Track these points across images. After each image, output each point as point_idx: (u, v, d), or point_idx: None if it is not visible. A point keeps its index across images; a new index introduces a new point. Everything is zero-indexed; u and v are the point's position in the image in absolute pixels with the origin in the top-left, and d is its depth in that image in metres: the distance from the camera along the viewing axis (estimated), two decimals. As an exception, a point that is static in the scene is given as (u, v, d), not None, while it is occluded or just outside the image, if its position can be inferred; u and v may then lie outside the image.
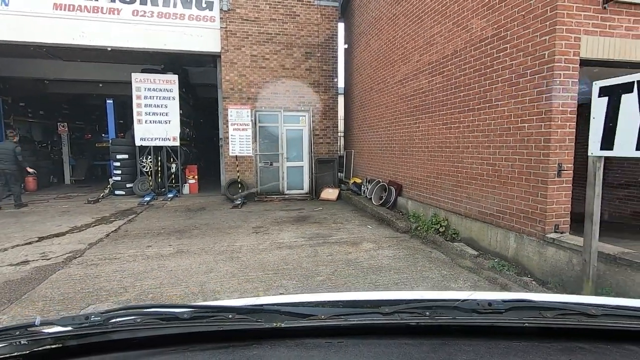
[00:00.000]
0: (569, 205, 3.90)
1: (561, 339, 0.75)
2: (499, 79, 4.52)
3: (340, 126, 11.66)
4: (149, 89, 9.54)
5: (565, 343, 0.73)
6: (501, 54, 4.48)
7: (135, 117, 9.54)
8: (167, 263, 4.57)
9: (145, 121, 9.57)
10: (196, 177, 10.76)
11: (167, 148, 9.97)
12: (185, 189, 10.57)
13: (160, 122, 9.63)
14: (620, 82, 2.77)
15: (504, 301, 0.84)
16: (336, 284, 3.88)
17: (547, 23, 3.80)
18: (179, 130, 9.83)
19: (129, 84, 9.54)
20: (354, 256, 4.80)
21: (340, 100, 10.97)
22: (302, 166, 10.09)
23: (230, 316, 0.81)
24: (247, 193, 9.39)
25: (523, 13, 4.12)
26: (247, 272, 4.26)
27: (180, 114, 9.86)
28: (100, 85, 12.28)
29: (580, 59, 3.76)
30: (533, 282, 3.81)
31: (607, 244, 3.37)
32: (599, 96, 2.93)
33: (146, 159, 9.94)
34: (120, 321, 0.80)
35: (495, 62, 4.60)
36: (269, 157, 9.88)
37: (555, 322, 0.77)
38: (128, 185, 10.05)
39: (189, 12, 9.20)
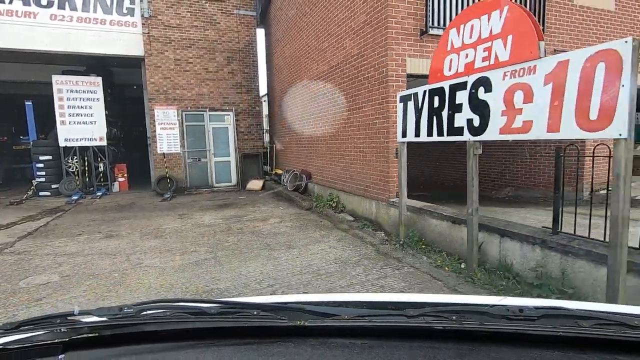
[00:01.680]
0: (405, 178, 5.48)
1: (599, 351, 0.69)
2: (363, 86, 6.01)
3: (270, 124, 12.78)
4: (72, 91, 9.80)
5: (604, 355, 0.68)
6: (363, 68, 5.97)
7: (58, 119, 9.75)
8: (97, 244, 5.38)
9: (70, 122, 9.83)
10: (126, 175, 11.18)
11: (94, 148, 10.30)
12: (115, 187, 10.96)
13: (85, 122, 9.94)
14: (406, 94, 4.30)
15: (537, 308, 0.81)
16: (239, 245, 5.05)
17: (384, 48, 5.31)
18: (105, 131, 10.22)
19: (50, 84, 9.70)
20: (259, 228, 6.01)
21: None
22: (229, 161, 11.06)
23: (255, 313, 0.82)
24: (177, 187, 10.14)
25: (372, 39, 5.62)
26: (168, 244, 5.26)
27: (106, 114, 10.24)
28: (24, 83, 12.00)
29: (407, 74, 5.32)
30: (382, 233, 5.33)
31: (417, 201, 4.98)
32: (399, 102, 4.46)
33: (72, 159, 10.17)
34: (151, 314, 0.84)
35: (360, 74, 6.08)
36: (197, 153, 10.70)
37: (593, 332, 0.71)
38: (54, 186, 10.20)
39: (110, 18, 9.65)
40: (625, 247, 2.36)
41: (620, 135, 2.27)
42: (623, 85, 2.21)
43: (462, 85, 3.43)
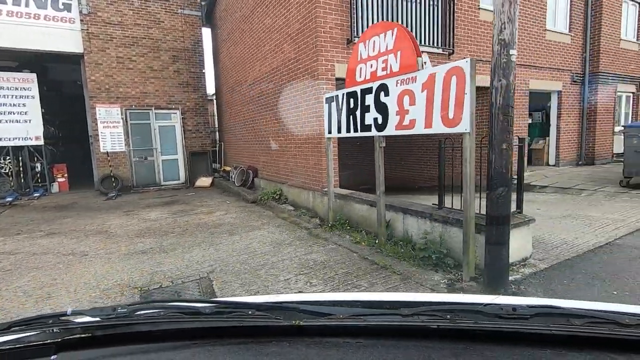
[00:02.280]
0: (337, 170, 6.19)
1: (591, 349, 0.70)
2: (299, 88, 6.61)
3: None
4: (2, 88, 9.36)
5: (596, 353, 0.69)
6: (299, 71, 6.57)
7: (-12, 117, 9.27)
8: (39, 242, 5.46)
9: (0, 121, 9.38)
10: (66, 175, 10.84)
11: (30, 147, 9.90)
12: (55, 188, 10.60)
13: (19, 121, 9.54)
14: (330, 96, 4.97)
15: (530, 306, 0.82)
16: (184, 236, 5.42)
17: (315, 54, 5.95)
18: (42, 129, 9.87)
19: (-24, 82, 9.19)
20: (205, 220, 6.40)
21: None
22: (177, 159, 11.16)
23: (250, 312, 0.83)
24: (122, 186, 10.08)
25: (305, 46, 6.24)
26: (114, 238, 5.49)
27: (43, 112, 9.88)
28: None
29: (336, 77, 6.01)
30: (317, 219, 5.98)
31: (343, 189, 5.70)
32: (325, 103, 5.11)
33: (4, 159, 9.71)
34: (145, 314, 0.84)
35: (296, 77, 6.68)
36: (143, 152, 10.69)
37: (585, 330, 0.72)
38: (-16, 188, 9.66)
39: (45, 13, 9.35)
40: (473, 215, 3.18)
41: (466, 130, 3.07)
42: (466, 93, 3.01)
43: (369, 90, 4.15)
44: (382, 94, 3.95)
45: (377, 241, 4.50)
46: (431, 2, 7.00)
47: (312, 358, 0.73)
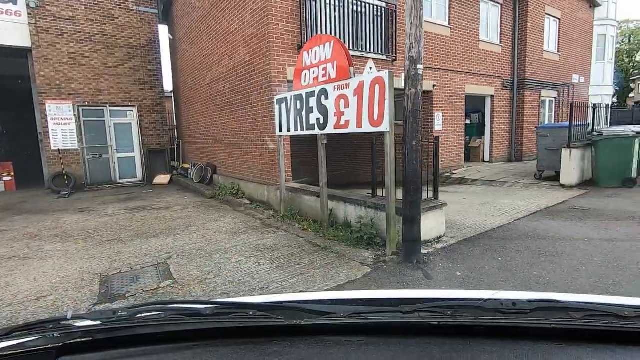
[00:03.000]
0: (290, 165, 6.71)
1: (590, 342, 0.71)
2: (254, 89, 7.04)
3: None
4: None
5: (595, 345, 0.71)
6: (254, 73, 7.00)
7: None
8: (-10, 237, 5.47)
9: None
10: (12, 173, 10.44)
11: (-29, 144, 9.46)
12: (0, 187, 10.18)
13: (-41, 117, 9.09)
14: (280, 97, 5.47)
15: (529, 301, 0.82)
16: (142, 229, 5.68)
17: (268, 58, 6.41)
18: (-15, 126, 9.46)
19: None
20: (163, 215, 6.65)
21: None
22: (134, 156, 11.12)
23: (251, 313, 0.83)
24: (75, 184, 9.92)
25: (259, 50, 6.68)
26: (70, 233, 5.62)
27: (-15, 108, 9.48)
28: None
29: (287, 80, 6.51)
30: (271, 211, 6.46)
31: (295, 183, 6.24)
32: (276, 104, 5.61)
33: (-58, 157, 9.20)
34: (146, 316, 0.84)
35: (252, 78, 7.10)
36: (98, 149, 10.56)
37: (584, 323, 0.73)
38: None
39: (-13, 4, 8.99)
40: (394, 200, 3.83)
41: (386, 129, 3.70)
42: (387, 99, 3.64)
43: (312, 94, 4.70)
44: (323, 97, 4.52)
45: (321, 227, 5.08)
46: (376, 14, 7.71)
47: (314, 357, 0.73)
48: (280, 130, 5.60)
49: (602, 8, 14.76)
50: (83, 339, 0.79)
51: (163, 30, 12.45)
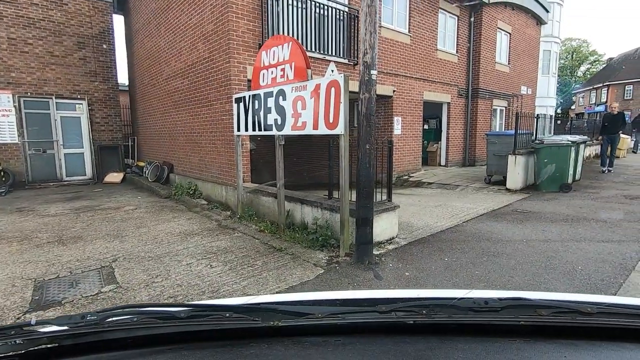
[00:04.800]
0: (249, 166, 6.61)
1: (557, 337, 0.75)
2: (213, 86, 6.87)
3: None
4: None
5: (561, 341, 0.74)
6: (213, 70, 6.83)
7: None
8: None
9: None
10: (-61, 168, 9.41)
11: None
12: None
13: None
14: (239, 96, 5.38)
15: (500, 299, 0.85)
16: (87, 230, 5.34)
17: (228, 56, 6.29)
18: None
19: None
20: (112, 215, 6.30)
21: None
22: (83, 152, 10.44)
23: (227, 315, 0.82)
24: (14, 181, 9.14)
25: (219, 47, 6.53)
26: (3, 235, 5.16)
27: None
28: None
29: (247, 79, 6.42)
30: (229, 212, 6.33)
31: (254, 183, 6.16)
32: (234, 103, 5.51)
33: None
34: (116, 320, 0.81)
35: (210, 76, 6.92)
36: (42, 144, 9.79)
37: (550, 320, 0.77)
38: None
39: None
40: (347, 202, 3.90)
41: (341, 132, 3.75)
42: (341, 102, 3.69)
43: (270, 94, 4.66)
44: (280, 98, 4.50)
45: (278, 229, 5.05)
46: (339, 18, 7.81)
47: (292, 358, 0.73)
48: (239, 130, 5.50)
49: (548, 26, 15.97)
50: (48, 345, 0.75)
51: (119, 21, 11.82)
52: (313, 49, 7.27)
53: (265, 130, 4.87)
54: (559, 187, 7.07)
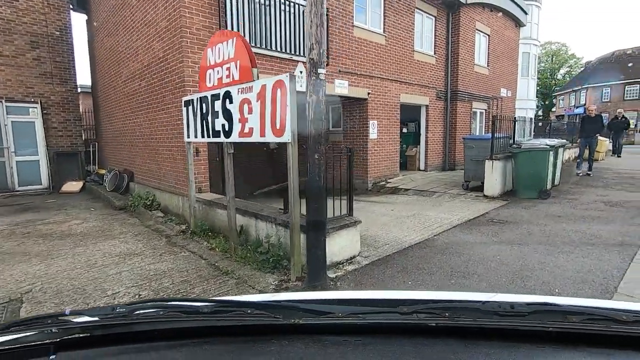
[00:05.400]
0: (207, 175, 6.07)
1: (587, 345, 0.71)
2: (168, 89, 6.31)
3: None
4: None
5: (592, 349, 0.70)
6: (167, 71, 6.27)
7: None
8: None
9: None
10: None
11: None
12: None
13: None
14: (188, 99, 4.85)
15: (527, 304, 0.83)
16: (15, 250, 4.71)
17: (181, 55, 5.75)
18: None
19: None
20: (53, 230, 5.66)
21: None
22: (38, 160, 9.68)
23: (249, 311, 0.83)
24: (-43, 192, 8.35)
25: (172, 45, 5.98)
26: None
27: None
28: None
29: (204, 81, 5.88)
30: (184, 226, 5.77)
31: (211, 194, 5.63)
32: (184, 107, 4.97)
33: None
34: (144, 313, 0.83)
35: (166, 77, 6.36)
36: (-10, 151, 9.01)
37: (582, 327, 0.73)
38: None
39: None
40: (298, 218, 3.42)
41: (288, 140, 3.27)
42: (288, 105, 3.22)
43: (217, 96, 4.16)
44: (227, 101, 4.00)
45: (230, 247, 4.53)
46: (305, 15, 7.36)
47: (312, 356, 0.73)
48: (188, 136, 4.97)
49: (526, 28, 15.90)
50: (80, 335, 0.78)
51: (80, 19, 11.09)
52: (279, 49, 6.80)
53: (213, 137, 4.36)
54: (537, 193, 6.76)
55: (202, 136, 4.59)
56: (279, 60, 6.81)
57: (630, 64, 37.23)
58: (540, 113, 50.05)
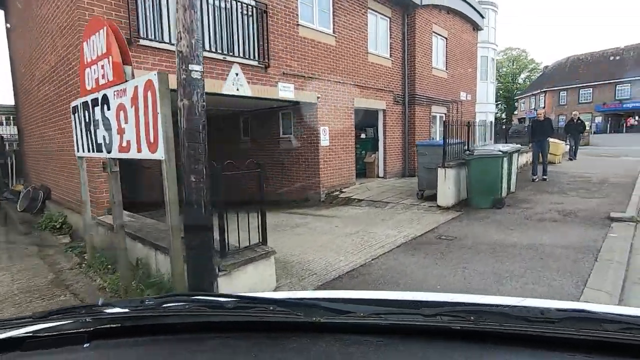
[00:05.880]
0: (119, 194, 5.18)
1: (624, 356, 0.67)
2: (72, 93, 5.39)
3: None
4: None
5: (630, 359, 0.67)
6: (71, 72, 5.37)
7: None
8: None
9: None
10: None
11: None
12: None
13: None
14: (75, 104, 4.00)
15: (559, 310, 0.79)
16: None
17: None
18: None
19: None
20: None
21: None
22: (-60, 176, 8.37)
23: (271, 308, 0.83)
24: None
25: (74, 43, 5.10)
26: None
27: None
28: None
29: (112, 84, 5.04)
30: (86, 254, 4.86)
31: (132, 213, 4.78)
32: (72, 114, 4.11)
33: None
34: (171, 306, 0.86)
35: (69, 79, 5.46)
36: None
37: (619, 336, 0.69)
38: None
39: None
40: (180, 254, 2.67)
41: (162, 157, 2.53)
42: (159, 113, 2.48)
43: (96, 101, 3.36)
44: (105, 106, 3.21)
45: (133, 283, 3.71)
46: (246, 12, 6.66)
47: (333, 355, 0.73)
48: (77, 150, 4.11)
49: (484, 32, 15.94)
50: (112, 325, 0.82)
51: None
52: (211, 49, 6.03)
53: (96, 151, 3.56)
54: (491, 202, 6.33)
55: (89, 150, 3.76)
56: (210, 60, 6.05)
57: (582, 69, 39.09)
58: (504, 116, 51.78)
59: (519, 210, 6.20)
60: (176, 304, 0.88)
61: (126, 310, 0.86)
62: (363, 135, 11.35)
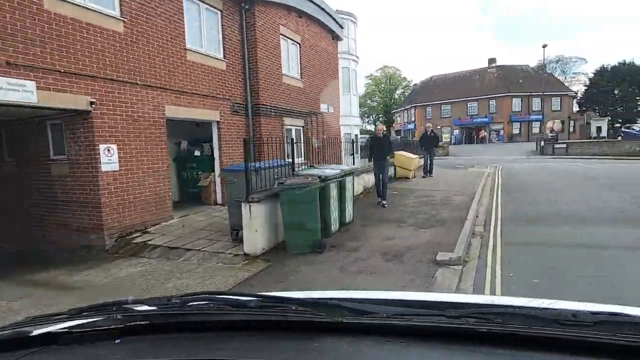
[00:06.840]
0: None
1: None
2: None
3: None
4: None
5: None
6: None
7: None
8: None
9: None
10: None
11: None
12: None
13: None
14: None
15: (593, 313, 0.74)
16: None
17: None
18: None
19: None
20: None
21: None
22: None
23: (293, 307, 0.83)
24: None
25: None
26: None
27: None
28: None
29: None
30: None
31: None
32: None
33: None
34: (196, 305, 0.89)
35: None
36: None
37: None
38: None
39: None
40: None
41: None
42: None
43: None
44: None
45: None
46: None
47: (354, 355, 0.73)
48: None
49: (344, 43, 15.50)
50: (142, 322, 0.84)
51: None
52: None
53: None
54: (310, 246, 4.82)
55: None
56: None
57: (441, 88, 44.47)
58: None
59: (342, 254, 4.81)
60: (201, 302, 0.90)
61: (154, 307, 0.88)
62: (197, 153, 9.18)
